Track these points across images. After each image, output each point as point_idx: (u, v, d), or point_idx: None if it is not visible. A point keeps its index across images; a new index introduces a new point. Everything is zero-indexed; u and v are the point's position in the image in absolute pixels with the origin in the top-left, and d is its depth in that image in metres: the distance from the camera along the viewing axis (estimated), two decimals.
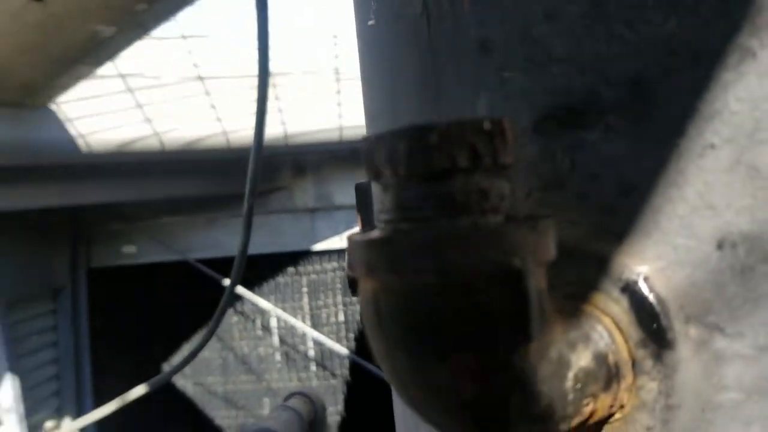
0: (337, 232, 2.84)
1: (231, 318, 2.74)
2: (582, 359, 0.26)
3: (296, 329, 2.82)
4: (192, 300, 2.51)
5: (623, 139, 0.28)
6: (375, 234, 0.23)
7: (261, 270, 2.68)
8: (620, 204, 0.28)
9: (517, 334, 0.22)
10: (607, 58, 0.28)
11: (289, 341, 2.90)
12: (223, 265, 2.21)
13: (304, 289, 2.91)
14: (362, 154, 0.23)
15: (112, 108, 2.24)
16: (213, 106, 2.37)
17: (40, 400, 1.97)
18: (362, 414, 2.77)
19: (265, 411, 2.81)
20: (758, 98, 0.24)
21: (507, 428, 0.23)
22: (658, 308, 0.27)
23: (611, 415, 0.28)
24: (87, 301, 2.38)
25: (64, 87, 1.98)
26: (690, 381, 0.27)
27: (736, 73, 0.25)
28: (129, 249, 2.48)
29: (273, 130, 2.26)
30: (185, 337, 2.59)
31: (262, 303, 2.70)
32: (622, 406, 0.28)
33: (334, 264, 2.87)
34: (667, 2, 0.26)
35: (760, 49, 0.24)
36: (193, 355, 1.61)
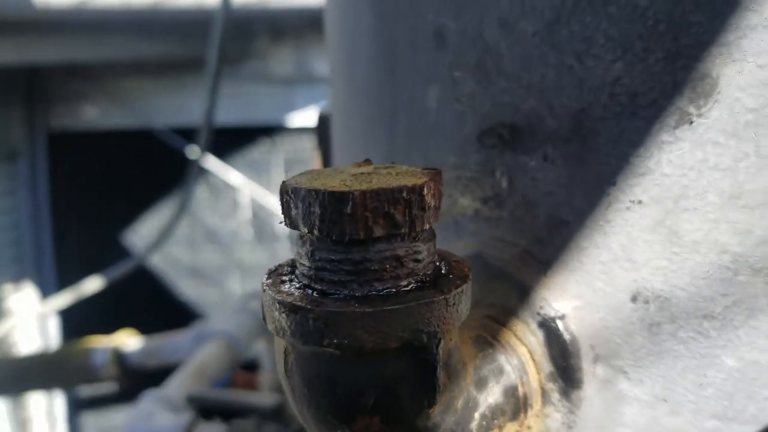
0: (317, 106, 2.79)
1: (198, 191, 2.76)
2: (491, 396, 0.29)
3: (268, 205, 2.86)
4: (156, 167, 2.50)
5: (559, 173, 0.29)
6: (286, 291, 0.24)
7: (233, 143, 2.67)
8: (550, 236, 0.30)
9: (421, 401, 0.24)
10: (553, 85, 0.28)
11: (261, 216, 2.95)
12: (190, 134, 2.19)
13: (279, 166, 2.92)
14: (280, 202, 0.24)
15: None
16: None
17: (0, 265, 2.03)
18: None
19: (234, 286, 2.91)
20: (689, 166, 0.25)
21: None
22: (570, 348, 0.29)
23: None
24: (46, 165, 2.37)
25: None
26: (592, 416, 0.29)
27: (673, 137, 0.25)
28: (90, 112, 2.43)
29: None
30: (148, 205, 2.61)
31: (234, 177, 2.71)
32: (529, 428, 0.31)
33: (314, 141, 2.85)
34: (618, 44, 0.26)
35: (697, 117, 0.24)
36: (165, 234, 1.65)
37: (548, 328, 0.29)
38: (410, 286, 0.24)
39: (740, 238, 0.24)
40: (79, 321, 2.07)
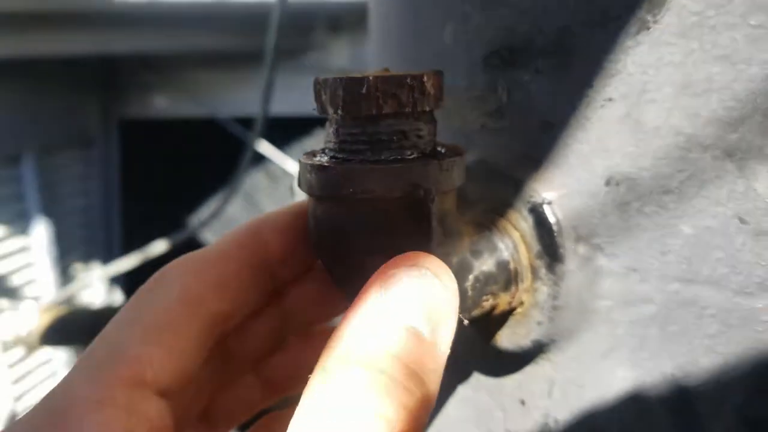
0: None
1: (258, 178, 2.88)
2: (485, 265, 0.34)
3: None
4: (220, 157, 2.63)
5: (547, 82, 0.34)
6: (317, 160, 0.31)
7: (291, 131, 2.77)
8: (541, 138, 0.35)
9: (418, 247, 0.30)
10: (542, 9, 0.34)
11: None
12: (251, 124, 2.29)
13: None
14: (313, 93, 0.31)
15: None
16: None
17: (70, 245, 2.17)
18: None
19: None
20: (648, 65, 0.30)
21: None
22: (555, 228, 0.35)
23: (513, 309, 0.37)
24: (118, 151, 2.53)
25: None
26: (574, 289, 0.35)
27: (635, 41, 0.30)
28: (160, 102, 2.58)
29: None
30: (212, 193, 2.74)
31: (289, 164, 2.81)
32: (522, 303, 0.37)
33: None
34: None
35: (653, 24, 0.30)
36: (217, 210, 1.75)
37: (537, 212, 0.35)
38: (412, 156, 0.30)
39: (690, 121, 0.29)
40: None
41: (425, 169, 0.29)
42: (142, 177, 2.57)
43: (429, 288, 0.27)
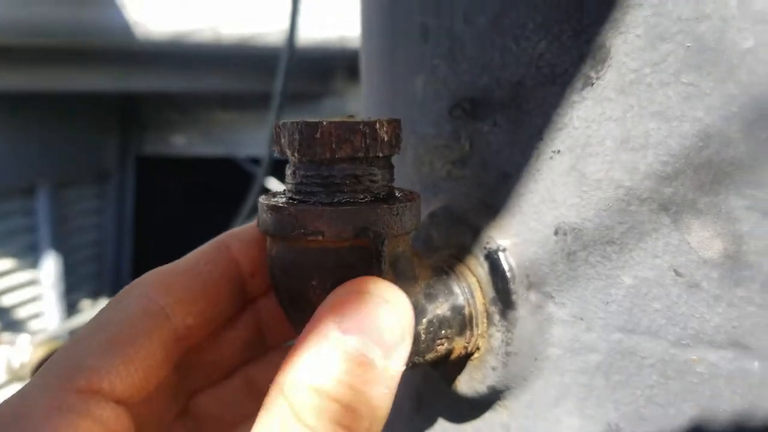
0: None
1: None
2: (439, 309, 0.36)
3: None
4: (236, 196, 2.68)
5: (504, 134, 0.37)
6: (273, 201, 0.33)
7: None
8: (498, 187, 0.37)
9: None
10: (499, 64, 0.36)
11: None
12: (269, 165, 2.34)
13: None
14: (274, 136, 0.33)
15: None
16: (274, 3, 2.44)
17: (80, 280, 2.21)
18: None
19: None
20: (591, 119, 0.32)
21: None
22: (508, 275, 0.36)
23: (471, 354, 0.38)
24: (134, 187, 2.59)
25: None
26: (526, 335, 0.36)
27: (580, 96, 0.32)
28: (178, 140, 2.65)
29: (328, 33, 2.32)
30: (225, 227, 2.79)
31: None
32: (478, 348, 0.38)
33: None
34: (541, 27, 0.34)
35: (596, 80, 0.32)
36: None
37: (492, 259, 0.37)
38: (365, 199, 0.32)
39: (629, 175, 0.31)
40: None
41: (375, 212, 0.31)
42: (156, 213, 2.63)
43: (378, 312, 0.29)
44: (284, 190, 0.35)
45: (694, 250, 0.30)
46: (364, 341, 0.28)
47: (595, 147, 0.32)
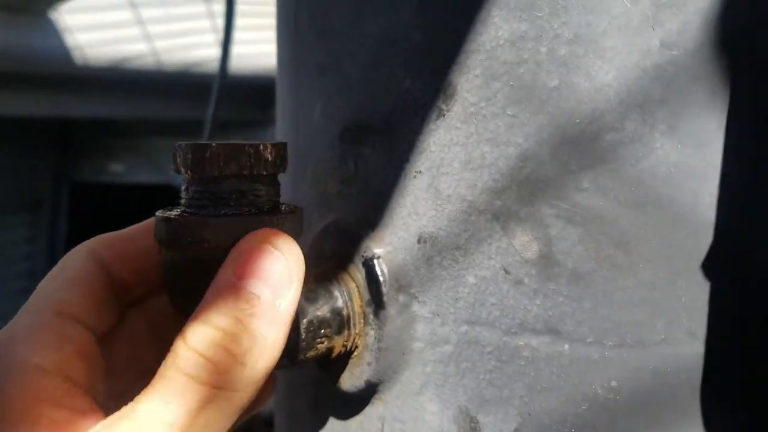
0: None
1: None
2: (319, 311, 0.42)
3: None
4: None
5: (381, 157, 0.43)
6: (167, 214, 0.39)
7: None
8: (376, 203, 0.44)
9: None
10: (377, 96, 0.43)
11: None
12: None
13: None
14: (172, 156, 0.39)
15: (113, 22, 2.39)
16: (216, 30, 2.51)
17: (11, 311, 2.19)
18: None
19: None
20: (443, 144, 0.39)
21: None
22: (381, 279, 0.43)
23: (351, 352, 0.45)
24: (67, 214, 2.60)
25: None
26: (395, 332, 0.43)
27: (435, 125, 0.40)
28: (116, 167, 2.67)
29: (269, 61, 2.39)
30: None
31: None
32: (357, 347, 0.44)
33: None
34: (407, 68, 0.41)
35: (447, 112, 0.39)
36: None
37: (368, 266, 0.43)
38: (250, 212, 0.38)
39: (471, 190, 0.38)
40: None
41: (256, 223, 0.37)
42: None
43: (270, 258, 0.35)
44: (179, 205, 0.40)
45: (518, 251, 0.37)
46: (253, 281, 0.34)
47: (446, 167, 0.39)
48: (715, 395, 0.33)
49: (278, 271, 0.35)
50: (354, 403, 0.47)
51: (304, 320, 0.40)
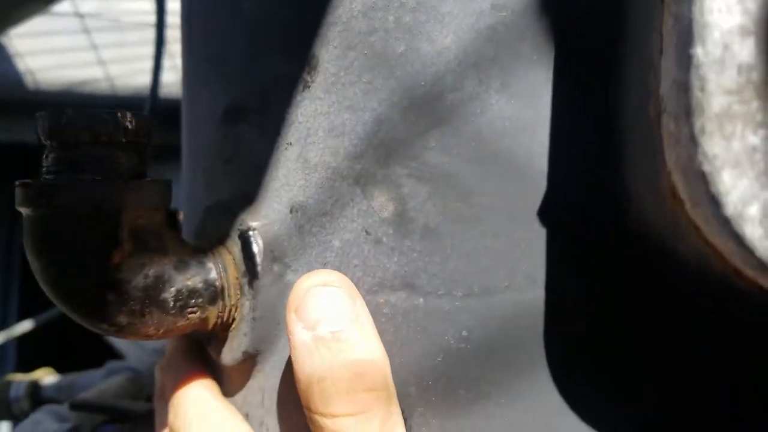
0: None
1: None
2: (190, 281, 0.42)
3: None
4: None
5: (257, 133, 0.44)
6: (25, 181, 0.39)
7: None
8: (255, 178, 0.44)
9: (106, 251, 0.38)
10: (252, 75, 0.44)
11: None
12: None
13: None
14: (35, 125, 0.39)
15: (65, 47, 2.37)
16: (171, 55, 2.50)
17: None
18: None
19: None
20: (309, 114, 0.40)
21: (108, 318, 0.39)
22: (255, 250, 0.43)
23: (229, 325, 0.45)
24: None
25: (17, 20, 2.11)
26: (269, 301, 0.43)
27: (302, 97, 0.40)
28: None
29: None
30: None
31: None
32: (234, 319, 0.44)
33: None
34: (277, 43, 0.42)
35: (311, 83, 0.40)
36: None
37: (244, 238, 0.43)
38: (107, 178, 0.38)
39: (335, 157, 0.39)
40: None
41: (112, 187, 0.37)
42: None
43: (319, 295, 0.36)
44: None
45: (376, 212, 0.37)
46: (323, 323, 0.36)
47: (313, 137, 0.40)
48: (559, 340, 0.34)
49: (340, 301, 0.36)
50: (237, 377, 0.47)
51: (172, 289, 0.40)
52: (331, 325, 0.34)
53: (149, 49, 2.50)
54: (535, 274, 0.34)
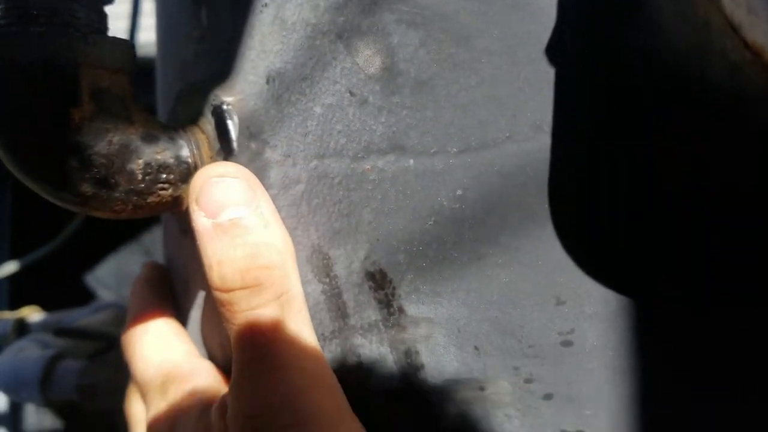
0: None
1: None
2: (160, 155, 0.38)
3: None
4: None
5: (228, 2, 0.39)
6: None
7: None
8: (228, 52, 0.40)
9: (62, 111, 0.33)
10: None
11: None
12: None
13: None
14: None
15: None
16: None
17: None
18: None
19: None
20: None
21: (72, 186, 0.35)
22: (230, 127, 0.38)
23: None
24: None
25: None
26: None
27: None
28: None
29: None
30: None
31: None
32: None
33: None
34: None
35: None
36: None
37: (218, 114, 0.39)
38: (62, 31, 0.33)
39: (314, 12, 0.35)
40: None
41: (69, 40, 0.33)
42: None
43: (222, 186, 0.36)
44: None
45: (361, 69, 0.33)
46: (226, 211, 0.36)
47: None
48: (563, 191, 0.30)
49: (238, 191, 0.36)
50: None
51: (140, 160, 0.36)
52: (230, 212, 0.35)
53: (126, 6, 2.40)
54: (541, 121, 0.30)
